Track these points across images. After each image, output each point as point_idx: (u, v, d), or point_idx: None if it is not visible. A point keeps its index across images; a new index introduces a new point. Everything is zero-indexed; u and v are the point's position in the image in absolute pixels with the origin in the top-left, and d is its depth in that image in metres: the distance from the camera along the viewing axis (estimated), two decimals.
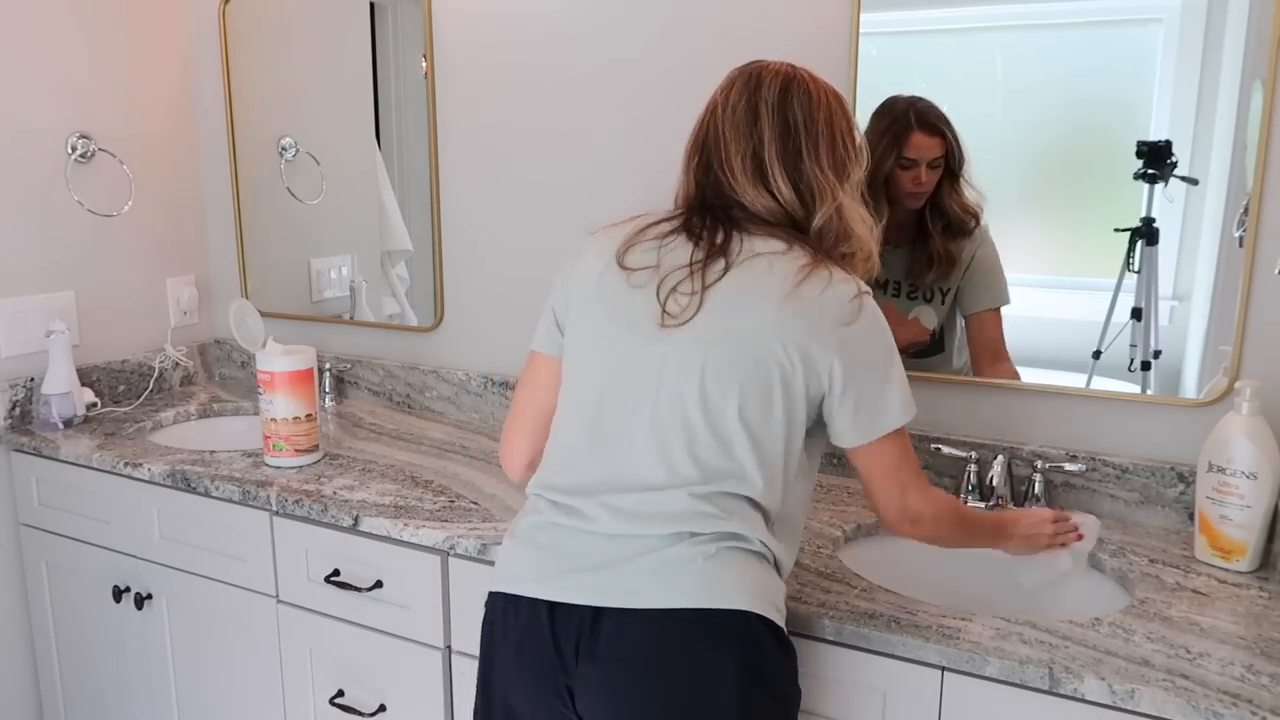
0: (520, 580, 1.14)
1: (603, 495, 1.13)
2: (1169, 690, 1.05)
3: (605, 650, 1.07)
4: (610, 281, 1.18)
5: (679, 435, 1.11)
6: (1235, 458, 1.35)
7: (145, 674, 1.91)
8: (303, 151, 2.24)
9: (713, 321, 1.11)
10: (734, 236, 1.15)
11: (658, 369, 1.13)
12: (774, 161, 1.15)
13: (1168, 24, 1.43)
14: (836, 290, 1.12)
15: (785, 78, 1.18)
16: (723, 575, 1.08)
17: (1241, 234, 1.42)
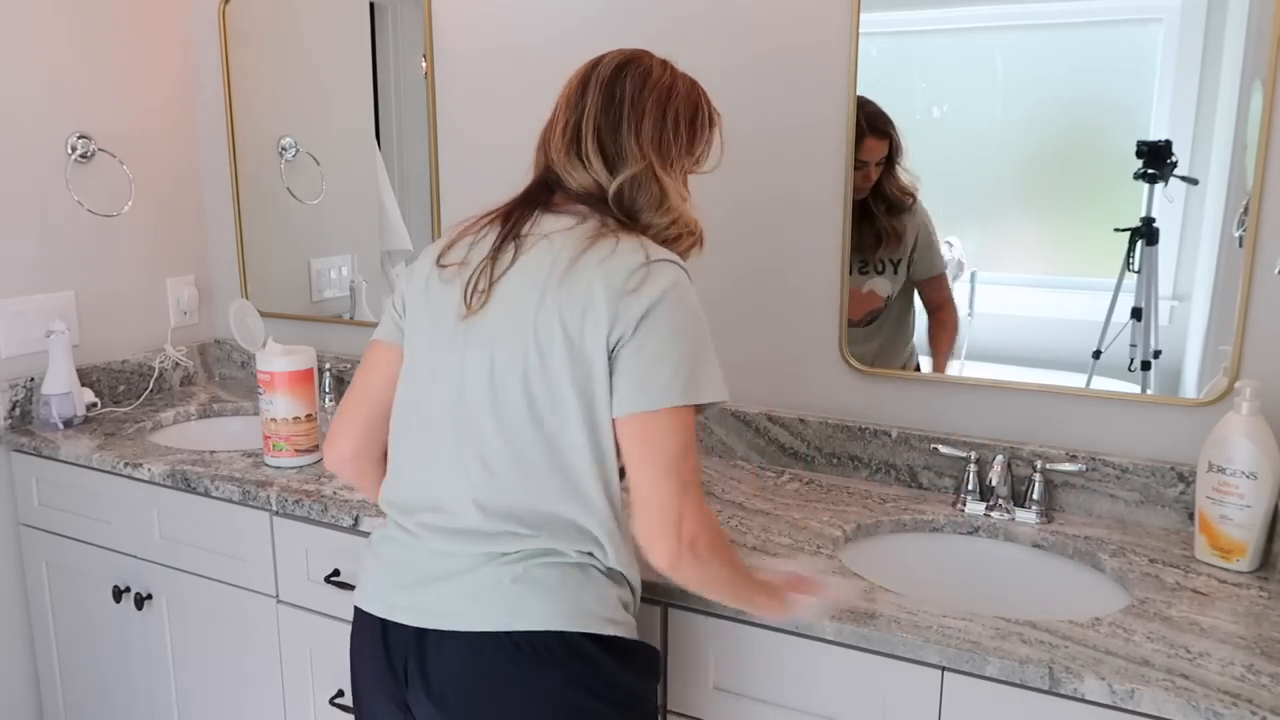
0: (365, 595, 1.15)
1: (420, 513, 1.12)
2: (1169, 690, 1.05)
3: (431, 672, 1.07)
4: (430, 281, 1.16)
5: (476, 446, 1.08)
6: (1235, 457, 1.35)
7: (145, 674, 1.91)
8: (303, 151, 2.24)
9: (497, 316, 1.08)
10: (532, 218, 1.12)
11: (457, 372, 1.10)
12: (589, 131, 1.12)
13: (1168, 24, 1.43)
14: (620, 260, 1.05)
15: (624, 58, 1.17)
16: (531, 596, 1.05)
17: (1241, 234, 1.42)
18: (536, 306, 1.06)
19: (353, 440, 1.23)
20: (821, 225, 1.70)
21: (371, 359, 1.23)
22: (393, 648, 1.10)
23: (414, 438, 1.14)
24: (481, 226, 1.16)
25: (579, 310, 1.05)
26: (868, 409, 1.72)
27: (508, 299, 1.08)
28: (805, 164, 1.70)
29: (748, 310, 1.80)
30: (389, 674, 1.11)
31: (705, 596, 1.14)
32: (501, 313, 1.08)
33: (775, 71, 1.70)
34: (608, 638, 1.07)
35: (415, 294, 1.17)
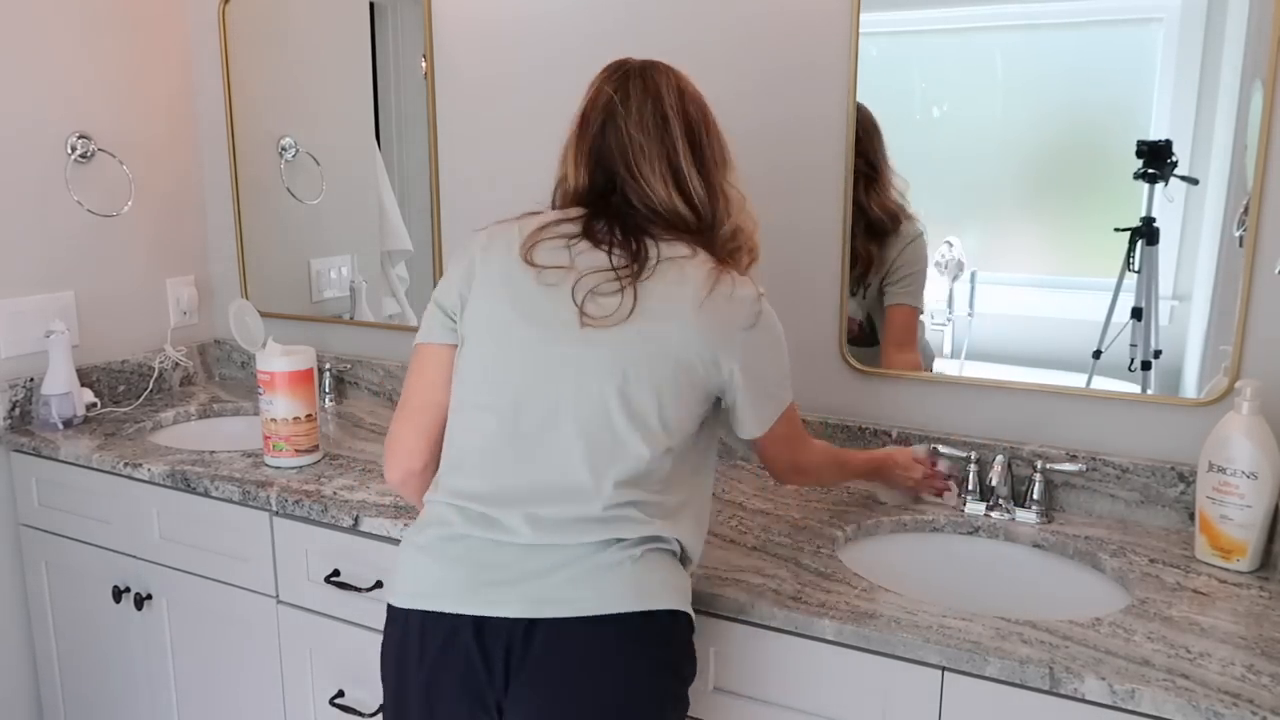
0: (436, 596, 1.10)
1: (525, 504, 1.10)
2: (1169, 690, 1.05)
3: (539, 661, 1.06)
4: (519, 280, 1.16)
5: (602, 439, 1.11)
6: (1235, 457, 1.35)
7: (145, 674, 1.91)
8: (303, 151, 2.24)
9: (635, 326, 1.12)
10: (645, 243, 1.16)
11: (577, 371, 1.12)
12: (690, 171, 1.19)
13: (1168, 24, 1.43)
14: (740, 294, 1.16)
15: (674, 77, 1.22)
16: (650, 578, 1.10)
17: (1242, 234, 1.42)
18: (677, 324, 1.13)
19: (424, 454, 1.22)
20: (821, 225, 1.70)
21: (427, 366, 1.22)
22: (490, 643, 1.07)
23: (512, 431, 1.13)
24: (570, 234, 1.17)
25: (715, 337, 1.14)
26: (868, 409, 1.72)
27: (644, 313, 1.12)
28: (805, 164, 1.70)
29: None
30: (482, 672, 1.08)
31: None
32: (639, 323, 1.12)
33: (775, 72, 1.70)
34: (690, 618, 1.15)
35: (492, 291, 1.17)
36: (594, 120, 1.22)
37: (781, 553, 1.40)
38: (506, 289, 1.16)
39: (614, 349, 1.11)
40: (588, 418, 1.11)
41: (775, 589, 1.28)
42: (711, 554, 1.39)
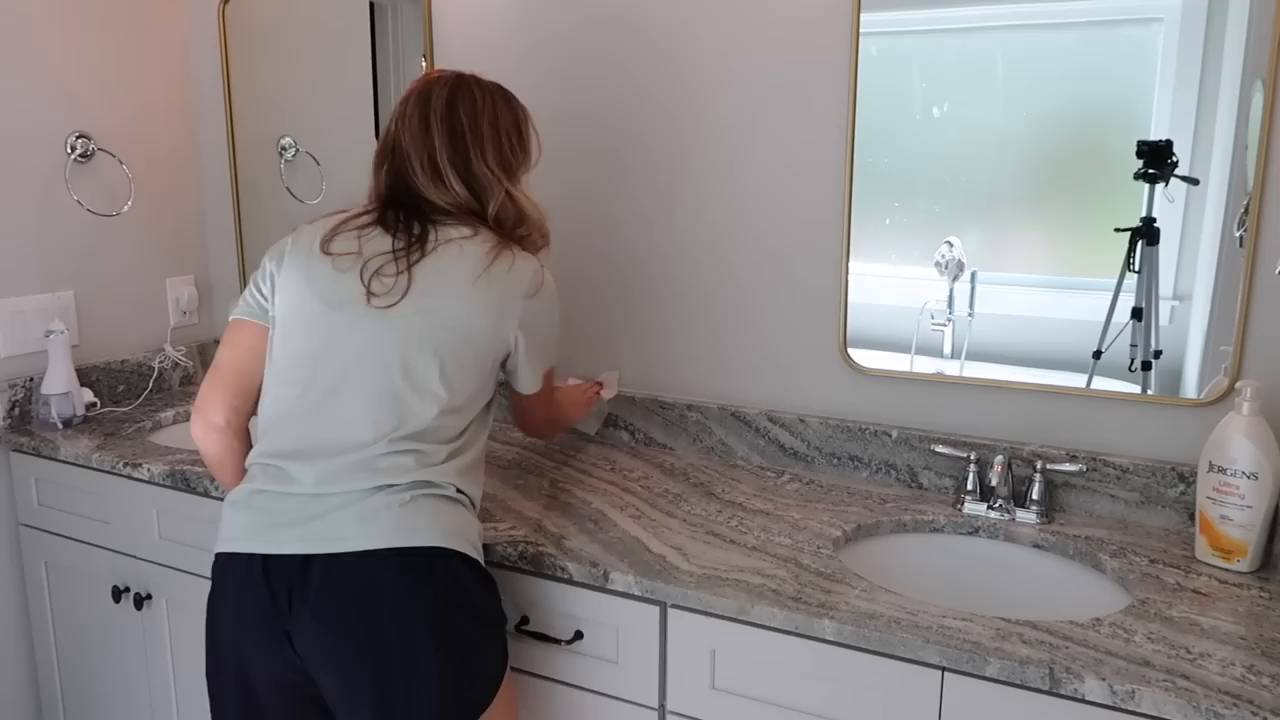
0: (235, 540, 1.24)
1: (314, 459, 1.25)
2: (1169, 691, 1.05)
3: (315, 593, 1.18)
4: (317, 267, 1.32)
5: (383, 399, 1.26)
6: (1236, 458, 1.35)
7: (145, 674, 1.91)
8: (303, 151, 2.24)
9: (415, 299, 1.28)
10: (428, 227, 1.34)
11: (363, 343, 1.27)
12: (446, 165, 1.36)
13: (1168, 24, 1.43)
14: (519, 268, 1.35)
15: (451, 87, 1.39)
16: (416, 518, 1.22)
17: (1242, 234, 1.42)
18: (454, 297, 1.29)
19: (224, 411, 1.37)
20: (821, 225, 1.70)
21: (238, 338, 1.37)
22: (274, 578, 1.20)
23: (310, 397, 1.28)
24: (363, 225, 1.35)
25: (494, 307, 1.31)
26: (868, 409, 1.72)
27: (425, 288, 1.29)
28: (805, 164, 1.70)
29: (748, 310, 1.80)
30: (269, 603, 1.20)
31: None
32: (419, 298, 1.28)
33: (774, 72, 1.70)
34: (473, 561, 1.26)
35: (296, 277, 1.33)
36: (387, 132, 1.41)
37: (781, 553, 1.40)
38: (307, 275, 1.32)
39: (396, 322, 1.27)
40: (372, 383, 1.26)
41: (775, 589, 1.28)
42: (711, 554, 1.39)
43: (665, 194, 1.84)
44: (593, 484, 1.69)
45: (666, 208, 1.84)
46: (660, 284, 1.87)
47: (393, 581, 1.18)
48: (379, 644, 1.17)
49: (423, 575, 1.20)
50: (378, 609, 1.18)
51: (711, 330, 1.84)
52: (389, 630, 1.17)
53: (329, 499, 1.22)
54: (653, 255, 1.87)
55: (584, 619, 1.39)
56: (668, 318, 1.87)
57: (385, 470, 1.23)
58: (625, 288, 1.90)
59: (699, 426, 1.85)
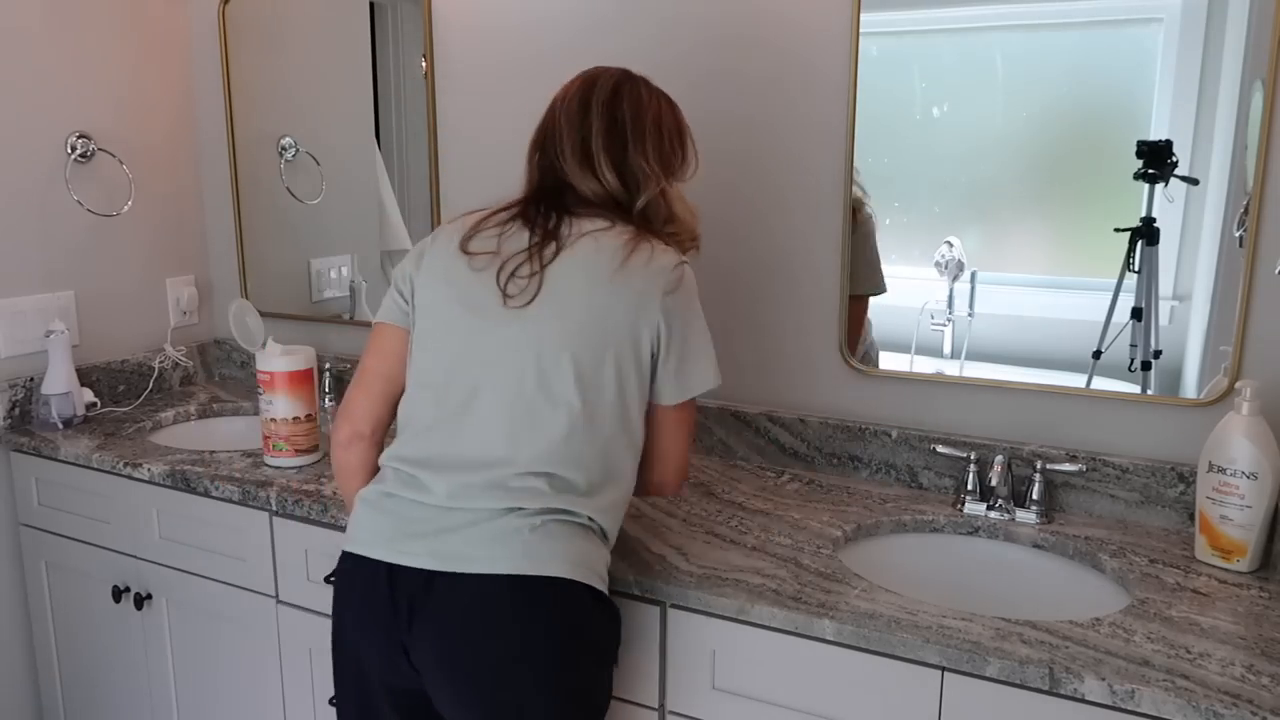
0: (365, 543, 1.21)
1: (445, 470, 1.20)
2: (1169, 690, 1.05)
3: (436, 610, 1.15)
4: (455, 267, 1.27)
5: (518, 413, 1.20)
6: (1235, 458, 1.35)
7: (145, 674, 1.91)
8: (303, 151, 2.24)
9: (549, 300, 1.21)
10: (563, 220, 1.26)
11: (499, 349, 1.22)
12: (600, 150, 1.27)
13: (1168, 24, 1.43)
14: (659, 261, 1.24)
15: (618, 80, 1.31)
16: (544, 546, 1.16)
17: (1242, 234, 1.42)
18: (589, 295, 1.21)
19: (370, 420, 1.33)
20: (821, 225, 1.70)
21: (382, 343, 1.33)
22: (398, 588, 1.17)
23: (446, 406, 1.23)
24: (504, 221, 1.28)
25: (632, 305, 1.21)
26: (868, 409, 1.72)
27: (559, 287, 1.21)
28: (805, 164, 1.70)
29: (748, 310, 1.79)
30: (390, 613, 1.17)
31: None
32: (553, 300, 1.21)
33: (775, 72, 1.70)
34: (599, 593, 1.20)
35: (434, 277, 1.28)
36: (543, 122, 1.34)
37: (781, 553, 1.40)
38: (445, 276, 1.27)
39: (528, 325, 1.21)
40: (506, 392, 1.20)
41: (775, 589, 1.28)
42: (711, 554, 1.39)
43: None
44: None
45: None
46: None
47: (514, 608, 1.14)
48: (494, 669, 1.14)
49: (545, 605, 1.15)
50: (496, 634, 1.14)
51: (712, 330, 1.83)
52: (504, 656, 1.14)
53: (459, 514, 1.18)
54: None
55: None
56: None
57: (519, 492, 1.18)
58: None
59: (699, 426, 1.85)
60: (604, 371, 1.20)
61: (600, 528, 1.22)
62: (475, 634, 1.14)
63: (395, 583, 1.17)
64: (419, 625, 1.16)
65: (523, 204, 1.29)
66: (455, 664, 1.15)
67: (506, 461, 1.19)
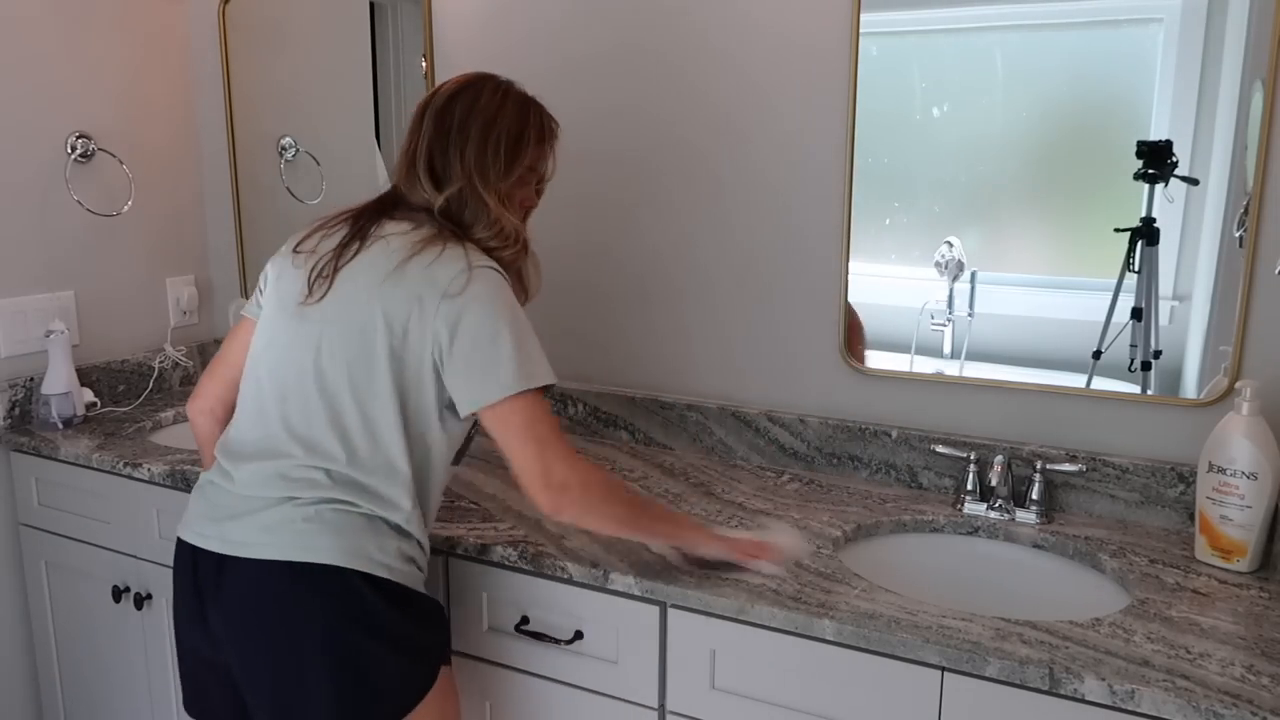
0: (182, 525, 1.30)
1: (244, 459, 1.27)
2: (1169, 690, 1.05)
3: (225, 593, 1.23)
4: (283, 264, 1.33)
5: (299, 410, 1.25)
6: (1235, 458, 1.35)
7: (145, 674, 1.91)
8: (303, 151, 2.24)
9: (333, 300, 1.25)
10: (378, 222, 1.30)
11: (289, 344, 1.27)
12: (421, 155, 1.30)
13: (1168, 24, 1.43)
14: (445, 264, 1.22)
15: (458, 86, 1.32)
16: (315, 534, 1.20)
17: (1242, 234, 1.42)
18: (366, 299, 1.23)
19: (209, 398, 1.43)
20: (821, 225, 1.70)
21: (235, 331, 1.42)
22: (200, 570, 1.26)
23: (250, 398, 1.31)
24: (335, 223, 1.33)
25: (404, 308, 1.22)
26: (868, 409, 1.72)
27: (344, 290, 1.25)
28: (805, 164, 1.70)
29: (748, 310, 1.79)
30: (194, 592, 1.27)
31: (609, 533, 1.33)
32: (336, 301, 1.25)
33: (775, 71, 1.70)
34: (381, 580, 1.22)
35: (272, 274, 1.35)
36: None
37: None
38: (276, 273, 1.34)
39: (315, 325, 1.25)
40: (291, 389, 1.26)
41: (775, 589, 1.28)
42: None
43: (665, 193, 1.84)
44: None
45: (666, 207, 1.84)
46: (660, 284, 1.87)
47: (285, 593, 1.20)
48: (274, 650, 1.21)
49: (314, 590, 1.20)
50: (272, 618, 1.21)
51: (712, 330, 1.84)
52: (280, 639, 1.20)
53: (248, 501, 1.25)
54: (653, 255, 1.87)
55: (584, 619, 1.39)
56: (668, 317, 1.87)
57: (297, 482, 1.23)
58: (625, 287, 1.90)
59: (699, 426, 1.85)
60: (377, 375, 1.22)
61: (388, 521, 1.24)
62: (252, 616, 1.21)
63: (197, 565, 1.26)
64: (211, 606, 1.24)
65: (360, 207, 1.34)
66: (239, 641, 1.22)
67: (289, 454, 1.24)
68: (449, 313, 1.20)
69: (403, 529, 1.25)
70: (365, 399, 1.23)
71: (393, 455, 1.24)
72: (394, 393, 1.23)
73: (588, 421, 1.95)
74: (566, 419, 1.97)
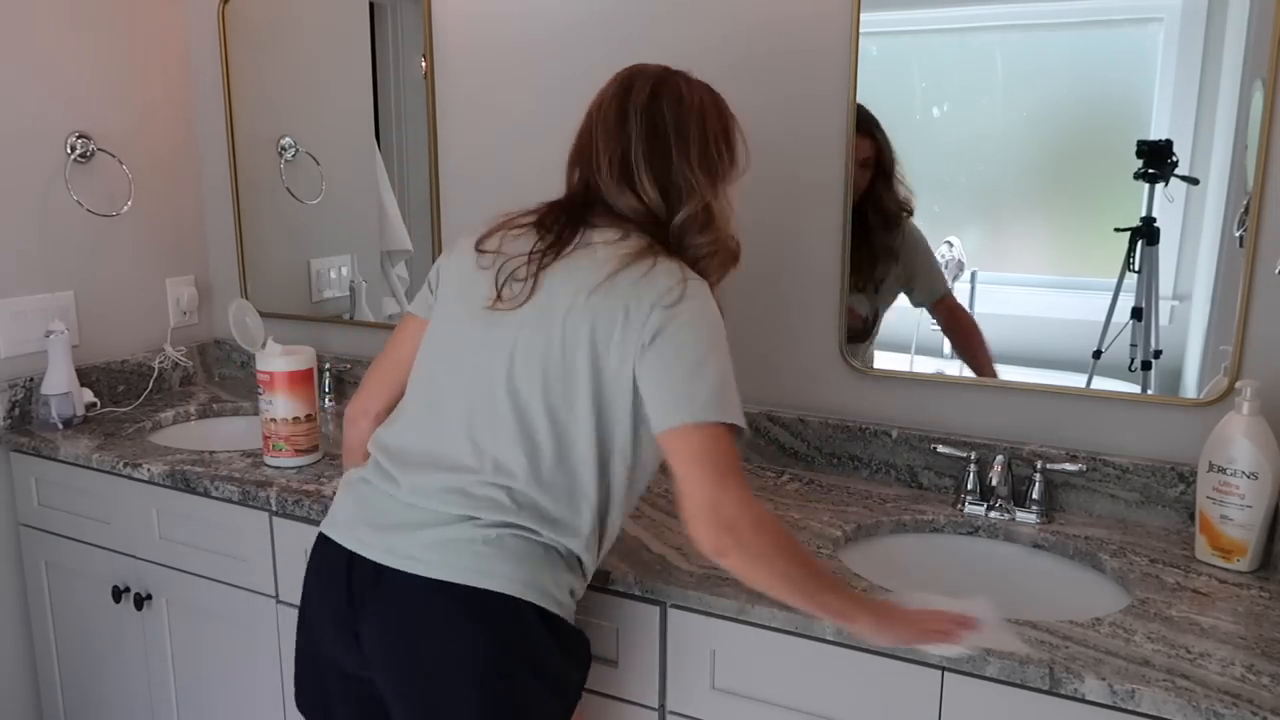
0: (334, 524, 1.23)
1: (413, 466, 1.20)
2: (1169, 690, 1.05)
3: (382, 604, 1.16)
4: (465, 263, 1.25)
5: (485, 421, 1.17)
6: (1235, 458, 1.35)
7: (145, 674, 1.91)
8: (303, 151, 2.24)
9: (536, 307, 1.16)
10: (578, 230, 1.19)
11: (479, 350, 1.19)
12: (640, 162, 1.18)
13: (1168, 24, 1.43)
14: (656, 277, 1.13)
15: (656, 80, 1.22)
16: (494, 560, 1.13)
17: (1242, 234, 1.42)
18: (568, 308, 1.14)
19: (375, 399, 1.37)
20: (821, 225, 1.70)
21: (403, 330, 1.35)
22: (355, 578, 1.18)
23: (423, 402, 1.23)
24: (521, 224, 1.24)
25: (610, 321, 1.13)
26: (868, 409, 1.72)
27: (543, 296, 1.16)
28: (805, 164, 1.70)
29: (748, 310, 1.79)
30: (345, 601, 1.18)
31: (772, 595, 1.13)
32: (536, 308, 1.16)
33: (774, 71, 1.70)
34: (551, 614, 1.15)
35: (451, 272, 1.27)
36: (580, 131, 1.27)
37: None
38: (456, 271, 1.26)
39: (510, 331, 1.17)
40: (478, 397, 1.18)
41: None
42: None
43: None
44: None
45: None
46: None
47: (453, 616, 1.13)
48: (427, 672, 1.14)
49: (485, 618, 1.12)
50: (433, 637, 1.14)
51: None
52: (438, 660, 1.13)
53: (418, 512, 1.16)
54: None
55: (584, 619, 1.39)
56: None
57: (478, 500, 1.15)
58: None
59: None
60: (576, 388, 1.14)
61: (566, 551, 1.17)
62: (414, 634, 1.14)
63: (352, 570, 1.18)
64: (367, 616, 1.17)
65: (546, 209, 1.24)
66: (394, 659, 1.16)
67: (471, 467, 1.16)
68: (659, 326, 1.11)
69: (577, 559, 1.18)
70: (560, 414, 1.14)
71: (581, 476, 1.16)
72: (592, 411, 1.14)
73: None
74: None
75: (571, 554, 1.17)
